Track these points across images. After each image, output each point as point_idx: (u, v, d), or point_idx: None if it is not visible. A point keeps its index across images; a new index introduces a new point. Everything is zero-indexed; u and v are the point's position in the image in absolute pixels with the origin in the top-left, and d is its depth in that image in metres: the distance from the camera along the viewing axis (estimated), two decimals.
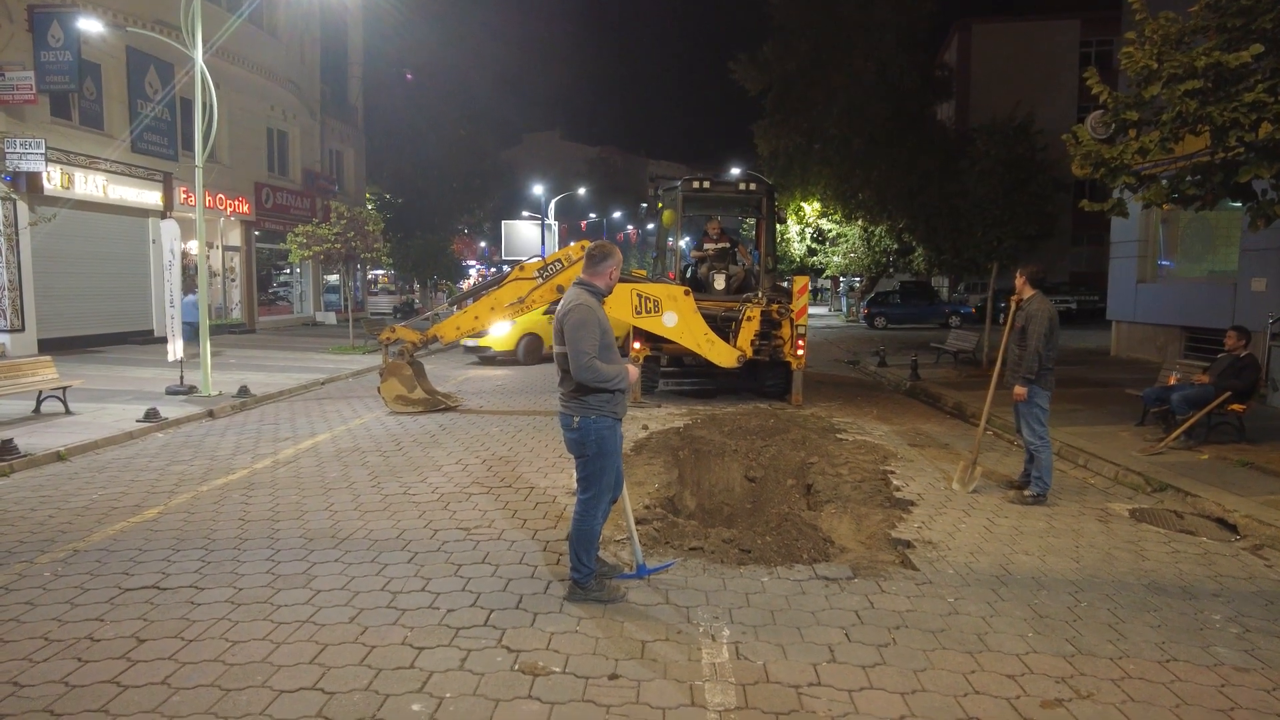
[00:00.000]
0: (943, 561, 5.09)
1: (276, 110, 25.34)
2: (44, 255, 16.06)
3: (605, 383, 4.21)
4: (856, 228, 29.31)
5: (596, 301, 4.37)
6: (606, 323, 4.36)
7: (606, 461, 4.37)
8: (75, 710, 3.34)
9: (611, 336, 4.40)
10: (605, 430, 4.33)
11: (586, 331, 4.18)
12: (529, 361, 16.40)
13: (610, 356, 4.32)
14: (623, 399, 4.40)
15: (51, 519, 6.06)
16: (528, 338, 16.47)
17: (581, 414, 4.29)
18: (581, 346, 4.16)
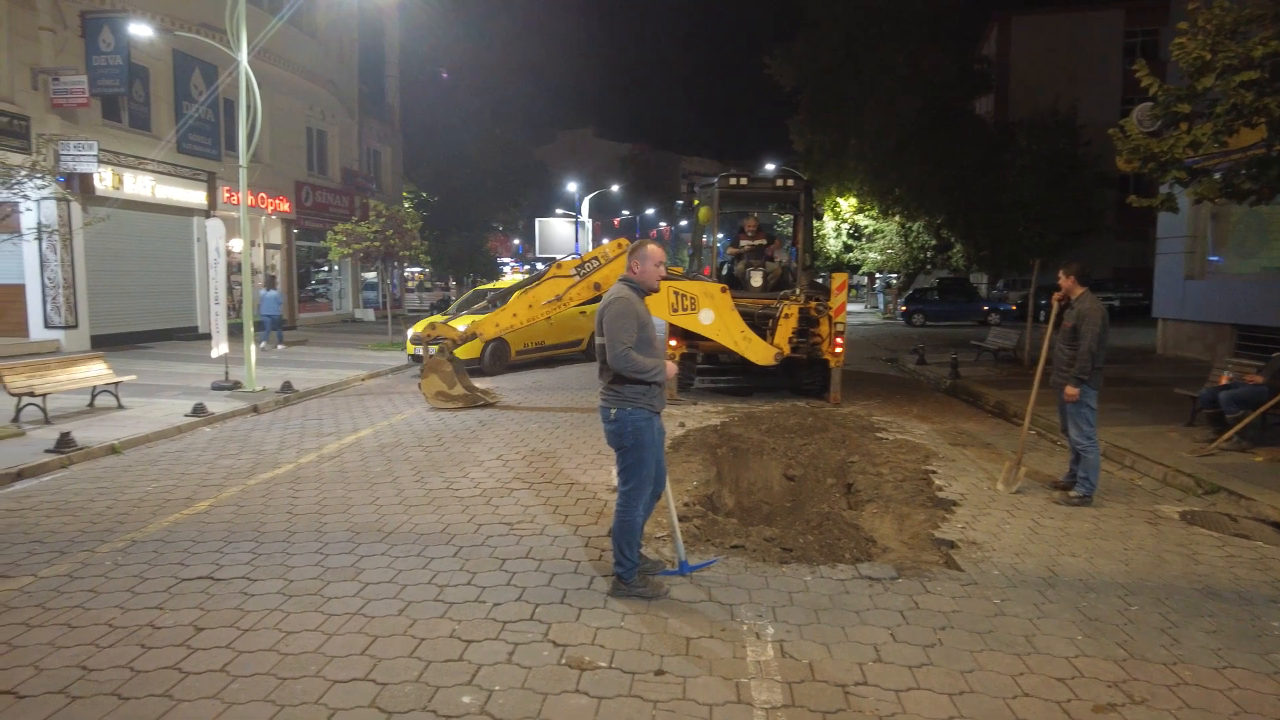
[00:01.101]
0: (988, 562, 5.03)
1: (316, 110, 25.75)
2: (94, 254, 16.51)
3: (641, 374, 4.27)
4: (894, 224, 28.99)
5: (637, 296, 4.45)
6: (647, 317, 4.42)
7: (644, 454, 4.41)
8: (141, 694, 3.46)
9: (653, 331, 4.45)
10: (642, 423, 4.37)
11: (624, 323, 4.28)
12: (495, 369, 14.43)
13: (650, 350, 4.37)
14: (659, 393, 4.44)
15: (109, 510, 6.25)
16: (494, 343, 14.16)
17: (618, 405, 4.36)
18: (618, 337, 4.25)
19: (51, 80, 15.54)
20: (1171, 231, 15.93)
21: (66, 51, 15.89)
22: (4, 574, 4.91)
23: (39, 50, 15.56)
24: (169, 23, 17.49)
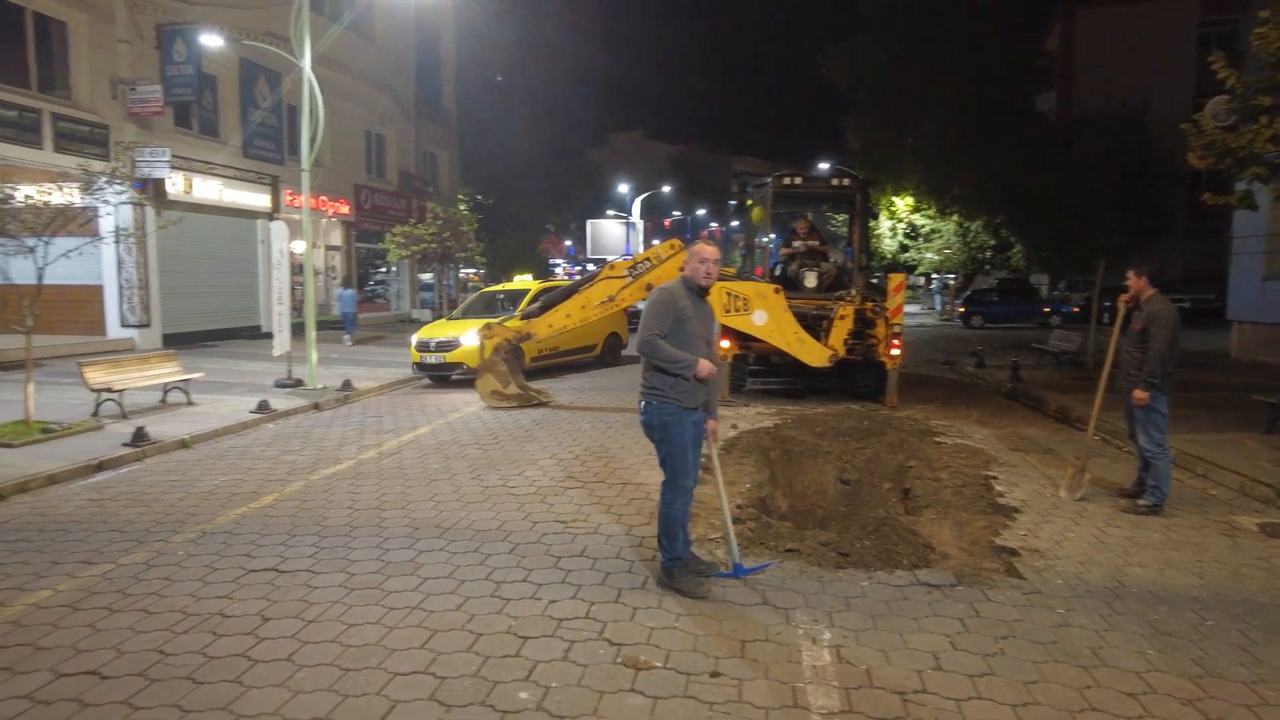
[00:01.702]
0: (1051, 571, 4.90)
1: (374, 114, 26.34)
2: (165, 256, 17.17)
3: (666, 362, 4.35)
4: (951, 223, 28.38)
5: (686, 291, 4.53)
6: (693, 313, 4.46)
7: (674, 448, 4.48)
8: (213, 679, 3.59)
9: (695, 327, 4.47)
10: (668, 417, 4.44)
11: (656, 311, 4.44)
12: None
13: (684, 344, 4.41)
14: (687, 388, 4.43)
15: (181, 502, 6.50)
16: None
17: (646, 398, 4.51)
18: (648, 323, 4.41)
19: (129, 90, 16.23)
20: (1249, 230, 15.27)
21: (142, 62, 16.58)
22: (89, 560, 5.15)
23: (117, 62, 16.26)
24: (237, 32, 18.09)
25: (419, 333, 13.85)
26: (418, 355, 13.38)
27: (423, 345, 13.37)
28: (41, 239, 8.62)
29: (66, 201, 9.10)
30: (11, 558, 5.24)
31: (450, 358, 13.13)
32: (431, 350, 13.19)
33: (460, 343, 13.07)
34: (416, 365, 13.49)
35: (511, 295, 15.06)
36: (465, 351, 12.97)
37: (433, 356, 13.18)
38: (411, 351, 13.65)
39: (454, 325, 13.79)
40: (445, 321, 14.43)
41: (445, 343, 13.17)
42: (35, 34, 15.06)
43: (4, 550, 5.38)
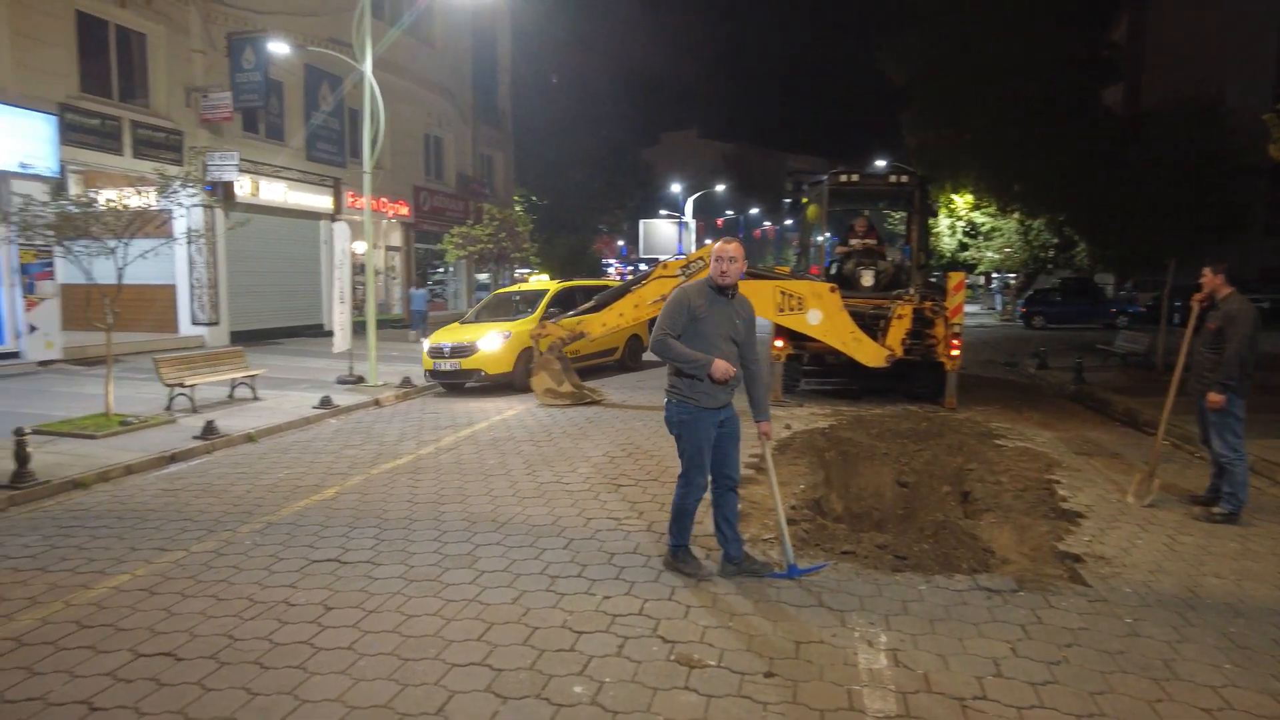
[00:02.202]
0: (1118, 579, 4.74)
1: (433, 117, 26.84)
2: (233, 256, 17.80)
3: (679, 362, 4.44)
4: (1012, 221, 27.63)
5: (701, 289, 4.56)
6: (704, 312, 4.47)
7: (689, 446, 4.58)
8: (279, 665, 3.71)
9: (710, 327, 4.47)
10: (686, 416, 4.53)
11: (669, 311, 4.53)
12: (526, 385, 11.94)
13: (699, 344, 4.44)
14: (705, 389, 4.45)
15: (248, 494, 6.73)
16: (527, 353, 12.12)
17: (668, 395, 4.63)
18: (661, 323, 4.52)
19: (201, 97, 16.88)
20: None
21: (214, 70, 17.22)
22: (163, 547, 5.37)
23: (191, 71, 16.92)
24: (302, 39, 18.65)
25: (431, 337, 12.86)
26: (430, 361, 12.35)
27: (436, 351, 12.35)
28: (121, 240, 9.02)
29: (144, 204, 9.51)
30: (94, 543, 5.50)
31: (466, 364, 12.11)
32: (446, 356, 12.19)
33: (477, 348, 12.12)
34: (429, 372, 12.53)
35: (528, 297, 14.18)
36: (483, 357, 12.12)
37: (447, 363, 12.17)
38: (423, 358, 12.63)
39: (469, 329, 12.79)
40: (459, 325, 13.35)
41: (461, 348, 12.16)
42: (117, 46, 15.76)
43: (87, 536, 5.65)
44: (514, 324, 12.64)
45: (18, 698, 3.46)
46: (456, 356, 12.16)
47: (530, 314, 12.88)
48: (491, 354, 12.11)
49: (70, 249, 8.87)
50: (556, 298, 13.51)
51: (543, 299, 13.33)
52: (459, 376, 12.32)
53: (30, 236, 9.01)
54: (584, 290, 14.07)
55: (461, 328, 13.10)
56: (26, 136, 13.01)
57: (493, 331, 12.28)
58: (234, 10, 17.74)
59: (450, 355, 12.18)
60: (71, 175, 14.41)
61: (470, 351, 12.16)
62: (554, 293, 13.68)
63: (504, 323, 12.75)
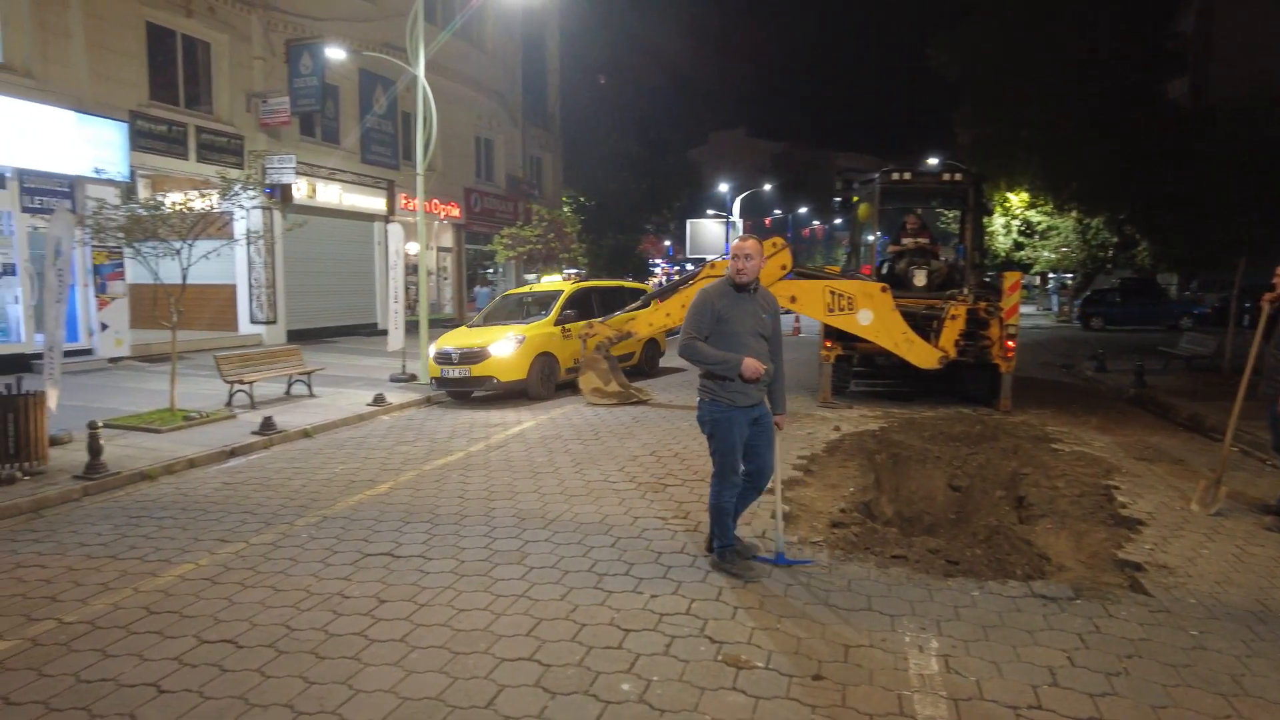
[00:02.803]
0: (1181, 589, 4.59)
1: (483, 120, 27.18)
2: (290, 257, 18.29)
3: (708, 365, 4.49)
4: (1070, 220, 26.87)
5: (721, 289, 4.60)
6: (729, 312, 4.52)
7: (722, 444, 4.62)
8: (334, 655, 3.81)
9: (738, 326, 4.52)
10: (718, 415, 4.57)
11: (693, 314, 4.59)
12: (543, 393, 11.56)
13: (728, 344, 4.48)
14: (737, 388, 4.50)
15: (304, 488, 6.91)
16: (542, 358, 11.60)
17: (700, 395, 4.68)
18: (686, 327, 4.60)
19: (261, 103, 17.38)
20: None
21: (272, 76, 17.71)
22: (224, 538, 5.56)
23: (252, 77, 17.44)
24: (357, 45, 19.07)
25: (438, 341, 11.80)
26: (436, 368, 11.41)
27: (443, 356, 11.35)
28: (186, 241, 9.34)
29: (206, 207, 9.84)
30: (160, 533, 5.71)
31: (477, 370, 11.08)
32: (454, 362, 11.18)
33: (489, 353, 11.10)
34: (435, 380, 11.54)
35: (540, 298, 13.24)
36: (496, 364, 11.10)
37: (455, 370, 11.16)
38: (428, 364, 11.76)
39: (479, 333, 11.83)
40: (466, 329, 12.45)
41: (470, 353, 11.14)
42: (184, 55, 16.33)
43: (154, 526, 5.88)
44: (528, 327, 11.71)
45: (93, 678, 3.62)
46: (466, 363, 11.13)
47: (544, 316, 12.17)
48: (504, 360, 11.14)
49: (139, 250, 9.23)
50: (571, 299, 12.68)
51: (557, 301, 12.48)
52: (468, 385, 11.31)
53: (103, 238, 9.39)
54: (599, 291, 13.61)
55: (470, 331, 12.14)
56: (100, 143, 13.56)
57: (506, 336, 11.33)
58: (293, 18, 18.23)
59: (459, 362, 11.16)
60: (140, 179, 14.98)
61: (480, 357, 11.11)
62: (569, 294, 12.80)
63: (516, 326, 11.83)
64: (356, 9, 20.22)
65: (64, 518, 6.17)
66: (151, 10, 15.26)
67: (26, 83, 12.89)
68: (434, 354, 11.58)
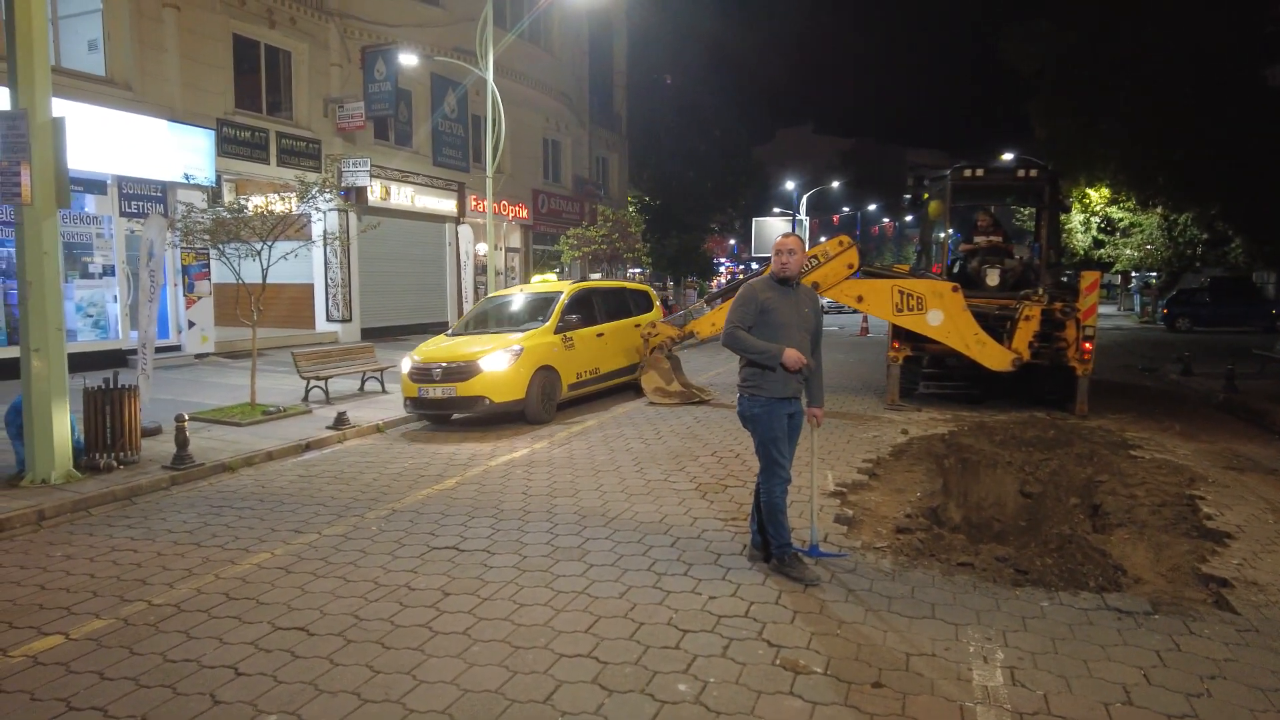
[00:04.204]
0: (1273, 608, 4.34)
1: (551, 122, 27.52)
2: (365, 257, 18.86)
3: (750, 353, 4.58)
4: (1155, 216, 25.68)
5: (766, 284, 4.71)
6: (774, 304, 4.61)
7: (766, 438, 4.66)
8: (399, 646, 3.93)
9: (783, 318, 4.61)
10: (758, 410, 4.64)
11: (739, 304, 4.68)
12: (543, 415, 9.79)
13: (771, 334, 4.55)
14: (776, 379, 4.58)
15: (375, 481, 7.14)
16: (542, 374, 9.80)
17: (740, 390, 4.75)
18: (730, 317, 4.67)
19: (337, 108, 17.98)
20: None
21: (348, 82, 18.30)
22: (299, 529, 5.79)
23: (329, 83, 18.06)
24: (429, 50, 19.54)
25: (414, 352, 10.02)
26: (413, 387, 9.49)
27: (421, 373, 9.47)
28: (266, 243, 9.75)
29: (285, 209, 10.25)
30: (239, 522, 5.99)
31: (465, 389, 9.26)
32: (436, 380, 9.34)
33: (480, 368, 9.30)
34: (410, 402, 9.63)
35: (534, 302, 11.21)
36: (489, 380, 9.30)
37: (438, 389, 9.31)
38: (403, 381, 9.76)
39: (464, 343, 10.00)
40: (447, 339, 10.52)
41: (456, 368, 9.36)
42: (266, 64, 17.03)
43: (234, 515, 6.16)
44: (524, 337, 9.87)
45: (178, 658, 3.83)
46: (451, 380, 9.28)
47: (541, 323, 10.31)
48: (499, 376, 9.32)
49: (223, 251, 9.67)
50: (573, 302, 10.91)
51: (555, 304, 10.64)
52: (454, 406, 9.50)
53: (191, 240, 9.87)
54: (601, 293, 12.06)
55: (453, 342, 10.25)
56: (190, 150, 14.26)
57: (501, 347, 9.56)
58: (368, 25, 18.80)
59: (442, 379, 9.30)
60: (225, 183, 15.68)
61: (468, 373, 9.29)
62: (569, 297, 10.93)
63: (510, 335, 9.99)
64: (428, 14, 20.72)
65: (154, 505, 6.52)
66: (239, 23, 15.96)
67: (125, 95, 13.64)
68: (409, 369, 9.60)
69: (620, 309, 12.08)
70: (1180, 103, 20.32)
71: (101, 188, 13.39)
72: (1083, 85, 22.56)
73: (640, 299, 12.73)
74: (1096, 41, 21.92)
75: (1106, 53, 21.71)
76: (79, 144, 12.51)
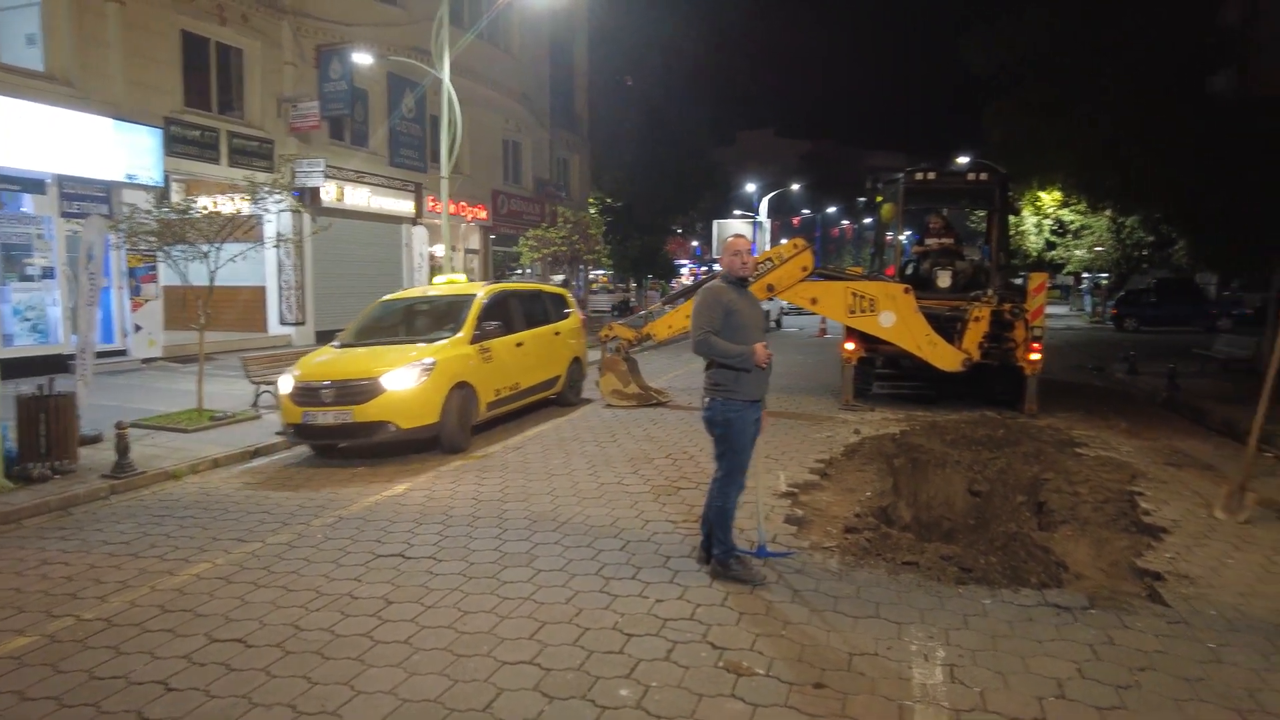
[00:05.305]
0: (1202, 600, 4.47)
1: (511, 123, 27.33)
2: (319, 259, 18.52)
3: (724, 358, 4.54)
4: (1104, 218, 26.35)
5: (729, 286, 4.69)
6: (738, 305, 4.61)
7: (735, 444, 4.64)
8: (338, 656, 3.86)
9: (746, 319, 4.63)
10: (732, 414, 4.60)
11: (705, 309, 4.61)
12: (460, 441, 8.28)
13: (738, 337, 4.56)
14: (750, 381, 4.60)
15: (323, 488, 7.01)
16: (459, 392, 8.26)
17: (710, 394, 4.67)
18: (698, 323, 4.61)
19: (291, 107, 17.65)
20: None
21: (302, 81, 17.98)
22: (242, 538, 5.66)
23: (282, 82, 17.72)
24: (385, 49, 19.26)
25: (296, 366, 8.33)
26: (296, 411, 7.73)
27: (306, 394, 7.77)
28: (214, 245, 9.52)
29: (235, 210, 10.03)
30: (180, 532, 5.83)
31: (364, 413, 7.63)
32: (326, 401, 7.67)
33: (383, 386, 7.69)
34: (293, 429, 7.89)
35: (439, 307, 9.53)
36: (395, 402, 7.71)
37: (329, 413, 7.64)
38: (282, 404, 8.04)
39: (357, 357, 8.31)
40: (334, 351, 8.73)
41: (353, 387, 7.70)
42: (216, 62, 16.65)
43: (175, 525, 6.00)
44: (436, 348, 8.34)
45: (105, 675, 3.71)
46: (346, 401, 7.63)
47: (453, 333, 8.70)
48: (407, 396, 7.75)
49: (169, 253, 9.42)
50: (489, 307, 9.28)
51: (469, 309, 9.02)
52: (350, 434, 7.79)
53: (135, 242, 9.60)
54: (519, 297, 10.53)
55: (345, 355, 8.51)
56: (136, 149, 13.87)
57: (407, 362, 7.94)
58: (323, 23, 18.49)
59: (335, 401, 7.64)
60: (174, 184, 15.28)
61: (368, 393, 7.65)
62: (485, 300, 9.29)
63: (417, 346, 8.42)
64: (385, 13, 20.45)
65: (91, 515, 6.33)
66: (187, 19, 15.57)
67: (66, 91, 13.23)
68: (291, 389, 7.86)
69: (539, 315, 10.64)
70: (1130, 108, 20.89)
71: (41, 187, 12.96)
72: (1038, 88, 23.09)
73: (557, 303, 11.40)
74: (1052, 47, 22.46)
75: (1061, 58, 22.25)
76: (16, 142, 12.21)
